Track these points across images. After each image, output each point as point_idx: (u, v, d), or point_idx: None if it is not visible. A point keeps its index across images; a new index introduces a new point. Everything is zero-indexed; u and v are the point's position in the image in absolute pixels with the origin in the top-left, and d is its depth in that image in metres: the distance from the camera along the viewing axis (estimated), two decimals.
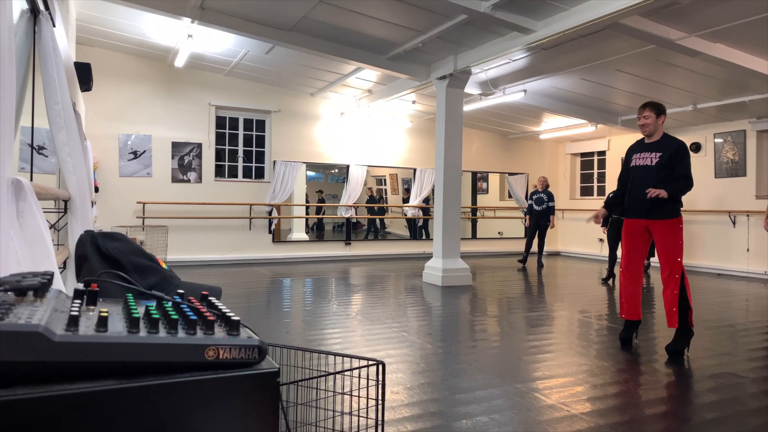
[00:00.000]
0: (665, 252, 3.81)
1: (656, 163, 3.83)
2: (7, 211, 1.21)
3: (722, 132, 9.06)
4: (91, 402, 0.71)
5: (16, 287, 0.81)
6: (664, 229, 3.81)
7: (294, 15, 5.99)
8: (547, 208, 9.26)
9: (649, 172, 3.86)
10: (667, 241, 3.80)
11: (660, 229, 3.83)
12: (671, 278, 3.77)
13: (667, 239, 3.80)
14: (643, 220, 3.89)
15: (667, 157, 3.80)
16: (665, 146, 3.86)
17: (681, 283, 3.75)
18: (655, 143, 3.92)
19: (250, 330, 0.91)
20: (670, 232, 3.80)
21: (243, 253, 9.29)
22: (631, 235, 3.99)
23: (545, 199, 9.28)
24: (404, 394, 2.91)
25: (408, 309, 5.41)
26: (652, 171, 3.84)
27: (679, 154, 3.81)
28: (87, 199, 2.48)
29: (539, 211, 9.31)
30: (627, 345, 4.08)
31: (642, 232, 3.95)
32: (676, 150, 3.81)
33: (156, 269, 1.23)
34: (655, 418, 2.66)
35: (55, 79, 2.18)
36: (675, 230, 3.80)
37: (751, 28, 5.24)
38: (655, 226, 3.85)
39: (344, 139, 10.29)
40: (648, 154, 3.90)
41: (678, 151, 3.81)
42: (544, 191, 9.35)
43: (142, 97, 8.63)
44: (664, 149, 3.84)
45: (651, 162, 3.86)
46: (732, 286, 7.48)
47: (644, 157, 3.92)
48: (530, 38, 5.63)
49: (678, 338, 3.81)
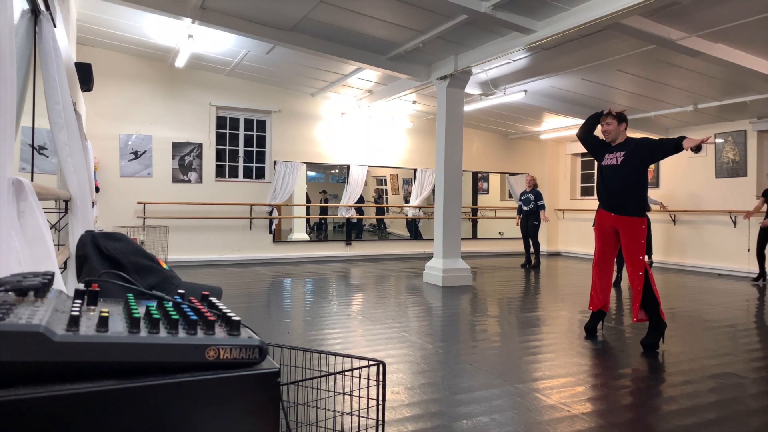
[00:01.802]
0: (629, 250, 4.09)
1: (621, 161, 4.17)
2: (8, 211, 1.21)
3: (723, 132, 9.05)
4: (92, 402, 0.71)
5: (17, 287, 0.81)
6: (629, 228, 4.09)
7: (294, 15, 5.99)
8: (536, 207, 9.26)
9: (616, 170, 4.19)
10: (631, 240, 4.08)
11: (625, 228, 4.11)
12: (635, 275, 4.04)
13: (630, 238, 4.08)
14: (612, 217, 4.20)
15: (630, 152, 4.12)
16: (627, 146, 4.20)
17: (645, 279, 4.00)
18: (618, 145, 4.26)
19: (251, 330, 0.91)
20: (633, 232, 4.08)
21: (243, 254, 9.30)
22: (602, 234, 4.32)
23: (532, 198, 9.30)
24: (405, 395, 2.91)
25: (408, 309, 5.41)
26: (619, 168, 4.18)
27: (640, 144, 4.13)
28: (88, 199, 2.49)
29: (527, 211, 9.32)
30: (592, 335, 4.37)
31: (611, 231, 4.25)
32: (635, 144, 4.15)
33: (156, 269, 1.23)
34: (654, 418, 2.66)
35: (56, 79, 2.18)
36: (638, 230, 4.07)
37: (751, 28, 5.24)
38: (621, 224, 4.14)
39: (345, 140, 10.29)
40: (614, 155, 4.25)
41: (638, 144, 4.14)
42: (532, 191, 9.36)
43: (143, 97, 8.64)
44: (626, 148, 4.18)
45: (617, 161, 4.20)
46: (732, 286, 7.47)
47: (611, 158, 4.27)
48: (531, 38, 5.63)
49: (651, 332, 4.03)
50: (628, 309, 5.67)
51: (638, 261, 4.03)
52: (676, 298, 6.49)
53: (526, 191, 9.45)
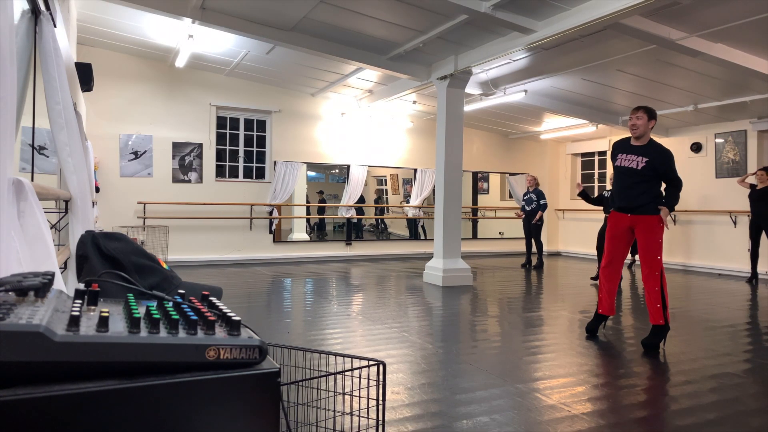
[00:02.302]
0: (646, 250, 3.98)
1: (642, 167, 3.97)
2: (8, 212, 1.21)
3: (723, 132, 9.05)
4: (92, 402, 0.71)
5: (17, 287, 0.81)
6: (646, 227, 3.98)
7: (295, 15, 5.99)
8: (538, 207, 9.18)
9: (634, 176, 4.00)
10: (648, 239, 3.98)
11: (642, 227, 4.00)
12: (651, 276, 3.95)
13: (647, 238, 3.98)
14: (628, 218, 4.06)
15: (652, 163, 3.95)
16: (651, 151, 4.00)
17: (660, 281, 3.93)
18: (641, 147, 4.04)
19: (251, 330, 0.91)
20: (651, 231, 3.96)
21: (243, 254, 9.30)
22: (615, 236, 4.18)
23: (534, 198, 9.23)
24: (405, 395, 2.91)
25: (409, 309, 5.41)
26: (637, 174, 3.99)
27: (664, 159, 3.98)
28: (88, 199, 2.49)
29: (529, 211, 9.27)
30: (593, 335, 4.35)
31: (625, 232, 4.12)
32: (659, 154, 3.98)
33: (157, 269, 1.23)
34: (656, 418, 2.66)
35: (56, 79, 2.18)
36: (656, 228, 3.96)
37: (752, 28, 5.24)
38: (638, 223, 4.01)
39: (345, 140, 10.29)
40: (634, 157, 4.02)
41: (663, 156, 3.98)
42: (534, 191, 9.30)
43: (143, 97, 8.64)
44: (650, 154, 3.98)
45: (637, 166, 3.99)
46: (733, 286, 7.47)
47: (630, 159, 4.04)
48: (531, 38, 5.63)
49: (654, 333, 3.98)
50: (627, 309, 5.67)
51: (656, 261, 3.94)
52: (676, 298, 6.50)
53: (528, 191, 9.39)
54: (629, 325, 4.84)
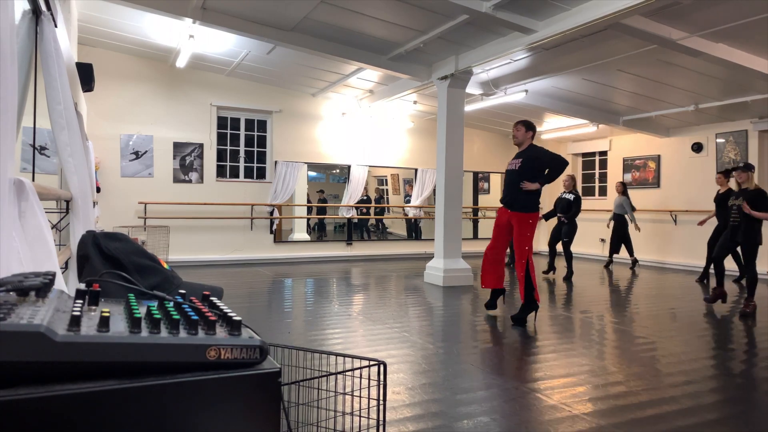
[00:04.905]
0: (517, 242, 4.78)
1: (518, 167, 4.85)
2: (9, 212, 1.21)
3: (724, 132, 9.04)
4: (93, 402, 0.71)
5: (18, 287, 0.81)
6: (518, 222, 4.77)
7: (295, 15, 5.99)
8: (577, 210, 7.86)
9: (512, 175, 4.90)
10: (519, 232, 4.77)
11: (515, 221, 4.79)
12: (520, 263, 4.73)
13: (519, 231, 4.77)
14: (507, 213, 4.90)
15: (525, 161, 4.81)
16: (526, 154, 4.87)
17: (526, 267, 4.67)
18: (520, 152, 4.94)
19: (252, 330, 0.91)
20: (522, 225, 4.76)
21: (244, 254, 9.30)
22: (498, 226, 5.05)
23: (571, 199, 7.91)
24: (406, 395, 2.91)
25: (409, 309, 5.41)
26: (515, 173, 4.87)
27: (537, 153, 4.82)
28: (89, 199, 2.49)
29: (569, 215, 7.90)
30: (492, 309, 5.19)
31: (506, 224, 4.93)
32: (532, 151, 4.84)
33: (157, 269, 1.23)
34: (656, 418, 2.66)
35: (57, 79, 2.19)
36: (526, 224, 4.76)
37: (753, 28, 5.23)
38: (513, 218, 4.82)
39: (345, 140, 10.29)
40: (515, 161, 4.94)
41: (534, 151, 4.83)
42: (572, 191, 7.98)
43: (144, 97, 8.64)
44: (525, 156, 4.85)
45: (515, 167, 4.88)
46: (733, 286, 7.46)
47: (512, 164, 4.97)
48: (532, 38, 5.63)
49: (523, 309, 4.76)
50: (622, 309, 5.66)
51: (524, 251, 4.73)
52: (676, 298, 6.49)
53: (564, 192, 8.06)
54: (630, 325, 4.84)
